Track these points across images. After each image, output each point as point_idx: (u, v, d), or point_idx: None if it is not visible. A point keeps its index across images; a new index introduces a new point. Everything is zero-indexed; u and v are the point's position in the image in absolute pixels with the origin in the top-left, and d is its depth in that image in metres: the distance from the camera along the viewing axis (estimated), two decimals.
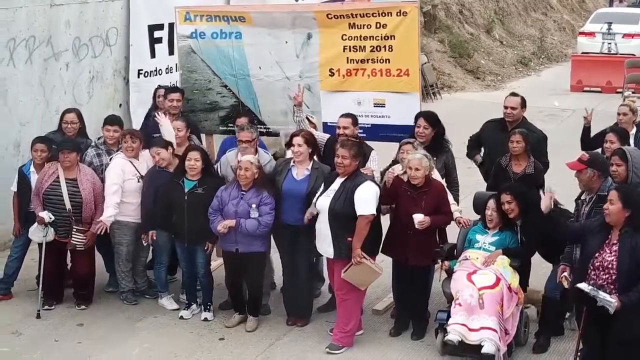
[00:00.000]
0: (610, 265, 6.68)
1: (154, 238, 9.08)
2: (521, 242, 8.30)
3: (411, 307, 8.69)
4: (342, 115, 9.17)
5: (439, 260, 8.57)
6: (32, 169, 9.24)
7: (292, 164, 8.71)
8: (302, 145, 8.60)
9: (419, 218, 8.20)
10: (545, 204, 7.31)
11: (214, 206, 8.58)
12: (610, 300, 6.56)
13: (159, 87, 10.72)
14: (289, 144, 9.00)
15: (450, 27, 27.47)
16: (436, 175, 8.65)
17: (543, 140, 9.60)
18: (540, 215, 7.34)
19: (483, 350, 7.66)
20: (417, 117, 9.29)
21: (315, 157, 8.81)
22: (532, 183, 8.82)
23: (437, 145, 9.16)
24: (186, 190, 8.78)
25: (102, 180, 9.15)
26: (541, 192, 7.37)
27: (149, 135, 9.58)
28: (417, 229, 8.23)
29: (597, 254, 6.76)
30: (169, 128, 9.23)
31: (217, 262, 9.63)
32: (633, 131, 9.97)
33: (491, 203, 8.37)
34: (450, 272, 8.36)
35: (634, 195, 6.78)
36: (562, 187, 8.50)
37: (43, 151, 9.19)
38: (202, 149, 9.20)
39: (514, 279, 8.04)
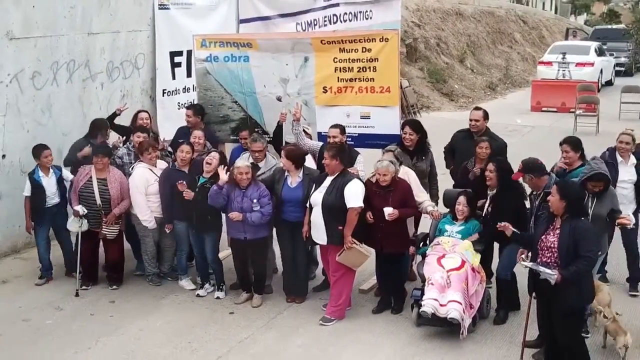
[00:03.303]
0: (552, 246, 6.81)
1: (172, 228, 9.24)
2: (483, 229, 8.40)
3: (391, 287, 8.81)
4: (332, 126, 9.29)
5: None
6: (41, 173, 9.34)
7: (286, 173, 8.79)
8: (283, 158, 8.75)
9: (388, 211, 8.28)
10: (508, 232, 7.46)
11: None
12: (550, 273, 6.68)
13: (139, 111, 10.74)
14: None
15: (429, 57, 27.64)
16: (405, 174, 8.72)
17: (504, 146, 9.72)
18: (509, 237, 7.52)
19: (449, 316, 7.77)
20: (403, 126, 9.42)
21: (305, 164, 8.87)
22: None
23: (422, 147, 9.33)
24: (198, 184, 8.89)
25: (128, 175, 9.32)
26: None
27: (176, 142, 9.83)
28: (388, 221, 8.32)
29: (543, 237, 6.92)
30: None
31: (226, 252, 9.73)
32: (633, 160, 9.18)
33: (462, 199, 8.48)
34: (422, 255, 8.51)
35: (569, 188, 6.94)
36: None
37: (51, 155, 9.44)
38: (222, 152, 9.31)
39: (475, 259, 8.16)
